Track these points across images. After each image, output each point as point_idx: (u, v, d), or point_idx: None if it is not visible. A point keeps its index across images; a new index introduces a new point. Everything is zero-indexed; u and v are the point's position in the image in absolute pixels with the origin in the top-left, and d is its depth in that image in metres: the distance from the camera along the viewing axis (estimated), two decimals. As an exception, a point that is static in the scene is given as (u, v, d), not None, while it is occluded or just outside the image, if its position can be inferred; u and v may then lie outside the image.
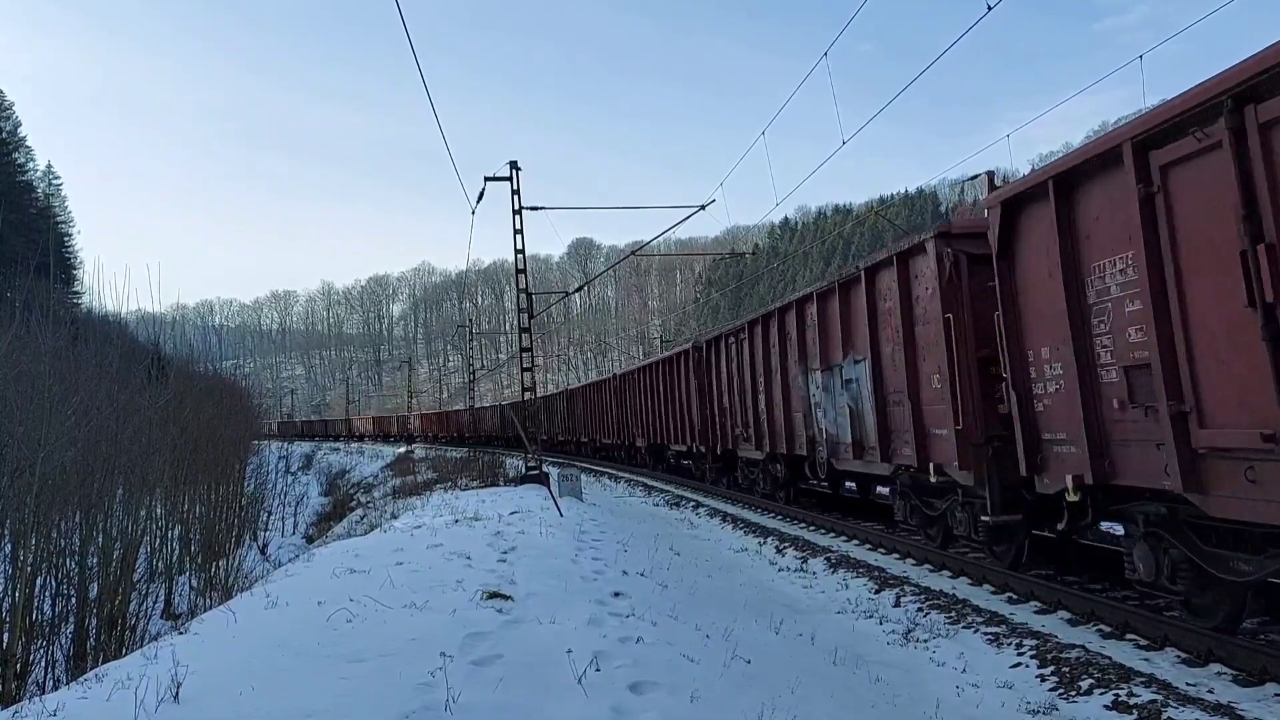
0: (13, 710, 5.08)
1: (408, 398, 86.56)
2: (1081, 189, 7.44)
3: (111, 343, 16.62)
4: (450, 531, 11.44)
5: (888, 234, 68.88)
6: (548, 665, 5.29)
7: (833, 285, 13.23)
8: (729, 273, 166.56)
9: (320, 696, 4.68)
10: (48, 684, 9.89)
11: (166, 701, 4.56)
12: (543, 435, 45.89)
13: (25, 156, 66.61)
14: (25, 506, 10.75)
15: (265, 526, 26.35)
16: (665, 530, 15.58)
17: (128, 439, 13.80)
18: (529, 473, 20.74)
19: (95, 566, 11.87)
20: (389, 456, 51.32)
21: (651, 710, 4.76)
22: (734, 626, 7.23)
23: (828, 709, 5.61)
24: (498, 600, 7.03)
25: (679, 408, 24.11)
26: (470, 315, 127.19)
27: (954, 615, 8.32)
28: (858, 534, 13.42)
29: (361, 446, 75.33)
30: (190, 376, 22.93)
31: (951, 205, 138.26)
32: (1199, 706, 5.44)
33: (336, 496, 37.06)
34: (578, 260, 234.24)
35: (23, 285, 15.72)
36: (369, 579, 7.77)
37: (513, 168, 21.36)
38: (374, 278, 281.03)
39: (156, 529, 15.25)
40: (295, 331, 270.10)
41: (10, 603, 10.36)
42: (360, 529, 18.99)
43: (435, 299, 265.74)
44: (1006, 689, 6.34)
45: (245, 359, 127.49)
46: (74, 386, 12.95)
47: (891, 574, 10.48)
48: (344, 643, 5.68)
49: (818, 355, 14.02)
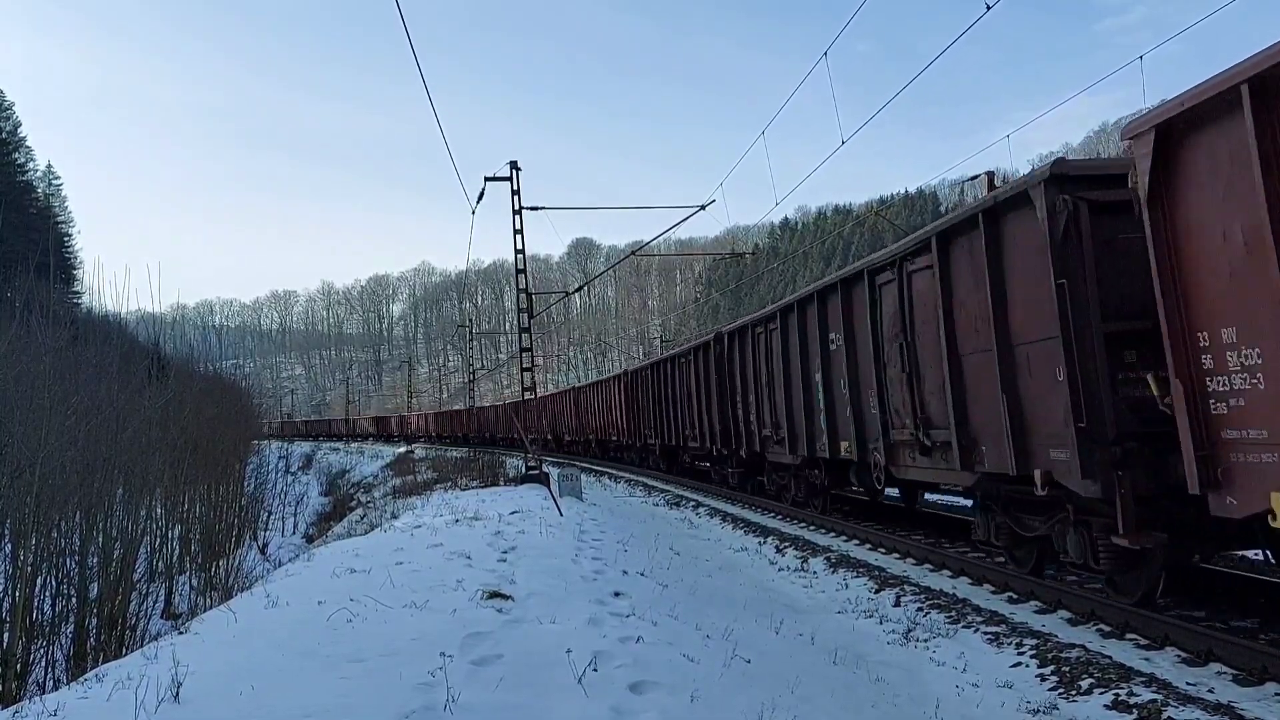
0: (13, 710, 5.08)
1: (408, 398, 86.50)
2: None
3: (111, 343, 16.64)
4: (450, 531, 11.44)
5: (888, 234, 68.83)
6: (548, 665, 5.28)
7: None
8: (729, 273, 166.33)
9: (320, 696, 4.68)
10: (48, 684, 9.89)
11: (167, 701, 4.56)
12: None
13: (25, 156, 66.67)
14: (25, 506, 10.75)
15: (265, 526, 26.36)
16: (665, 530, 15.59)
17: (128, 439, 13.80)
18: (529, 473, 20.73)
19: (95, 566, 11.86)
20: (389, 456, 51.35)
21: (651, 710, 4.76)
22: (734, 626, 7.23)
23: (828, 709, 5.61)
24: (498, 600, 7.03)
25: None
26: (470, 315, 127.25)
27: (954, 615, 8.32)
28: (858, 534, 13.41)
29: (361, 446, 75.38)
30: (190, 376, 22.92)
31: (951, 205, 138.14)
32: (1199, 706, 5.44)
33: (336, 496, 37.10)
34: (578, 260, 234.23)
35: (23, 285, 15.72)
36: (369, 579, 7.77)
37: (513, 168, 21.35)
38: (374, 278, 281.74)
39: (156, 529, 15.25)
40: (295, 331, 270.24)
41: (10, 602, 10.36)
42: (360, 529, 19.01)
43: (435, 299, 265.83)
44: (1006, 688, 6.34)
45: (245, 359, 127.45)
46: (74, 386, 12.96)
47: (891, 573, 10.47)
48: (344, 642, 5.68)
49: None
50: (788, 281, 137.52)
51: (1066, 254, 7.58)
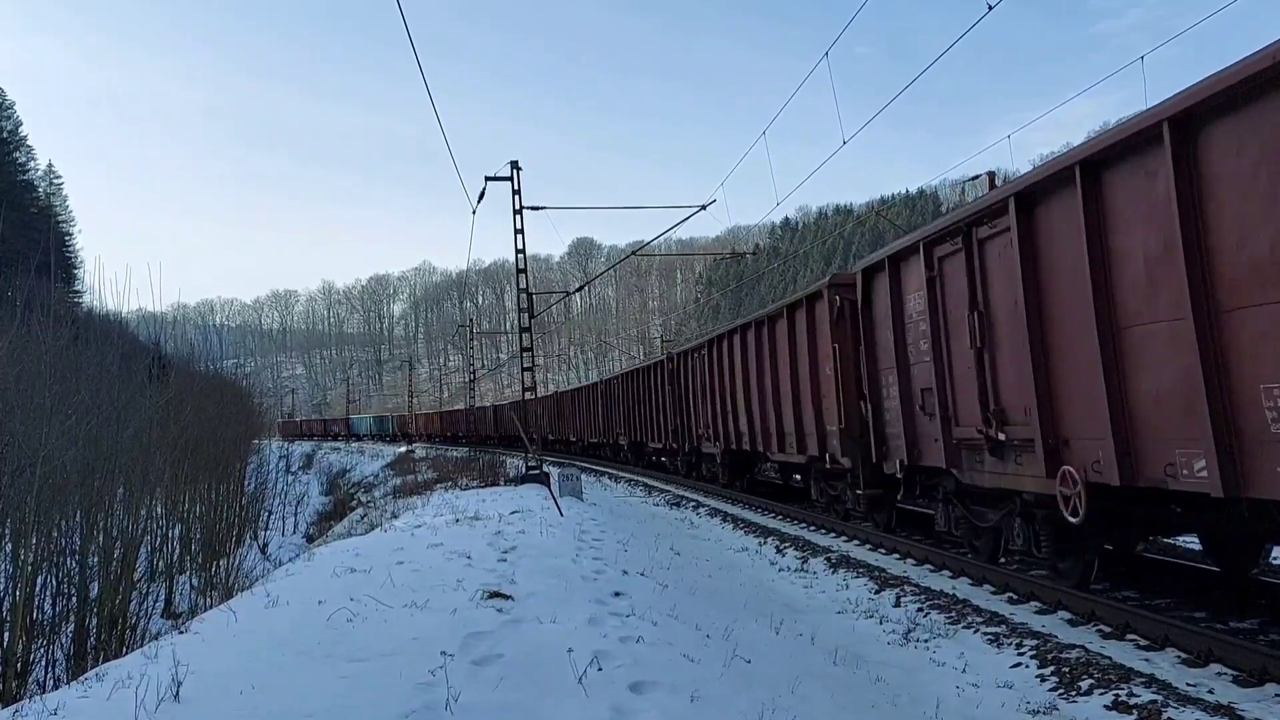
0: (13, 709, 5.08)
1: (408, 397, 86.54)
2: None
3: (112, 342, 16.65)
4: (451, 531, 11.44)
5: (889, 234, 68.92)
6: (548, 665, 5.28)
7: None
8: (729, 273, 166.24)
9: (320, 696, 4.69)
10: (48, 683, 9.89)
11: (167, 701, 4.56)
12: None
13: (26, 155, 66.70)
14: (26, 506, 10.75)
15: (266, 526, 26.37)
16: (665, 530, 15.59)
17: (128, 438, 13.81)
18: (529, 472, 20.72)
19: (96, 566, 11.87)
20: (389, 456, 51.36)
21: (652, 710, 4.76)
22: (734, 626, 7.23)
23: (828, 709, 5.62)
24: (498, 600, 7.03)
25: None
26: (471, 315, 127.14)
27: (954, 615, 8.32)
28: (858, 534, 13.42)
29: (361, 446, 75.36)
30: (191, 376, 22.94)
31: (952, 205, 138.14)
32: (1199, 707, 5.44)
33: (337, 496, 37.11)
34: (578, 260, 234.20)
35: (24, 284, 15.70)
36: (369, 578, 7.77)
37: (513, 167, 21.33)
38: (374, 277, 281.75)
39: (157, 528, 15.26)
40: (296, 331, 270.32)
41: (11, 602, 10.36)
42: (361, 528, 19.02)
43: (436, 298, 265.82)
44: (1006, 689, 6.34)
45: (246, 358, 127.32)
46: (75, 386, 12.96)
47: (892, 574, 10.47)
48: (344, 642, 5.68)
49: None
50: (789, 281, 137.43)
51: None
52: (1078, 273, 7.42)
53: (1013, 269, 8.38)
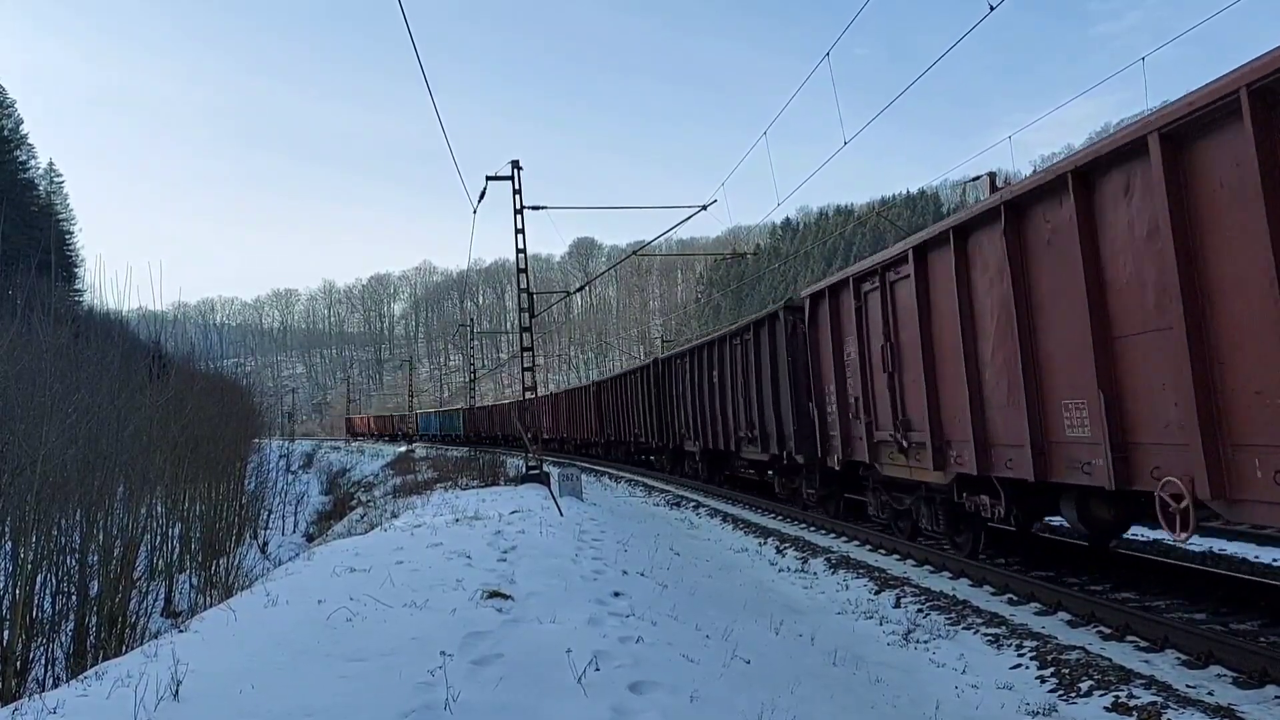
0: (12, 708, 5.08)
1: (408, 397, 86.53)
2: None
3: (113, 341, 16.63)
4: (450, 531, 11.45)
5: (889, 234, 68.84)
6: (548, 665, 5.28)
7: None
8: (730, 273, 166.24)
9: (320, 695, 4.68)
10: (48, 682, 9.88)
11: (166, 700, 4.56)
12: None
13: (27, 154, 66.70)
14: (26, 504, 10.75)
15: (266, 525, 26.35)
16: (665, 530, 15.58)
17: (128, 437, 13.80)
18: (529, 472, 20.72)
19: (95, 564, 11.86)
20: (389, 456, 51.37)
21: (651, 710, 4.76)
22: (734, 627, 7.23)
23: (827, 709, 5.61)
24: (498, 599, 7.03)
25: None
26: (471, 315, 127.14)
27: (954, 616, 8.32)
28: (858, 535, 13.42)
29: (362, 445, 75.34)
30: (191, 375, 22.93)
31: (953, 206, 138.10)
32: (1199, 708, 5.44)
33: (337, 495, 37.07)
34: (579, 260, 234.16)
35: (24, 283, 15.72)
36: (369, 578, 7.77)
37: (514, 167, 21.33)
38: (375, 276, 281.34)
39: (157, 527, 15.25)
40: (296, 330, 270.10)
41: (11, 600, 10.35)
42: (360, 528, 19.01)
43: (436, 298, 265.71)
44: (1006, 690, 6.34)
45: (246, 357, 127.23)
46: (75, 384, 12.95)
47: (892, 575, 10.47)
48: (344, 641, 5.68)
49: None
50: (789, 281, 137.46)
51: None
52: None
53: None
